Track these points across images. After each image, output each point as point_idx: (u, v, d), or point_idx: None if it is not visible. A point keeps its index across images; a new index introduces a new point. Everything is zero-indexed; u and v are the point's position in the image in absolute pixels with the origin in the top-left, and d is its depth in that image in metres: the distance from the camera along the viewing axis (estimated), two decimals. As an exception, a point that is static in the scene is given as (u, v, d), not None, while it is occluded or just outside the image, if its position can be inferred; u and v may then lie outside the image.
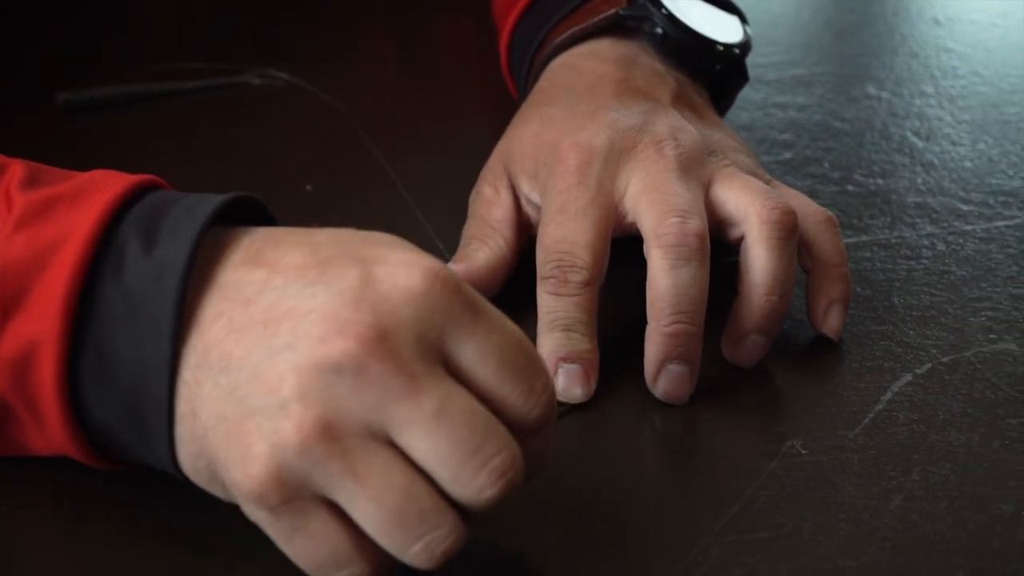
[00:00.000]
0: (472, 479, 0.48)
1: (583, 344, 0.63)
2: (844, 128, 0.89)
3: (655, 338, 0.62)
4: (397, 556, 0.49)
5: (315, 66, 0.94)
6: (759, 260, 0.64)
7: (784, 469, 0.59)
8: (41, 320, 0.50)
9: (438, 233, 0.74)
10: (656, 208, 0.63)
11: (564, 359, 0.62)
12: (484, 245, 0.69)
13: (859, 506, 0.57)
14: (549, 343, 0.63)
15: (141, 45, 0.98)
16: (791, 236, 0.64)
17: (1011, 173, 0.83)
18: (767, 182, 0.69)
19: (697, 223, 0.63)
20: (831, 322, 0.67)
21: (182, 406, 0.50)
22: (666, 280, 0.62)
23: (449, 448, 0.48)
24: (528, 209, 0.70)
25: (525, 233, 0.70)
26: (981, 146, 0.87)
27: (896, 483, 0.58)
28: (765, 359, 0.65)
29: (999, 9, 1.08)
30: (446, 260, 0.68)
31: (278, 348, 0.48)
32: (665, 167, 0.65)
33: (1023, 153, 0.86)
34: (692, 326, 0.62)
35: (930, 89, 0.95)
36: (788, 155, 0.85)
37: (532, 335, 0.63)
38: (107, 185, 0.53)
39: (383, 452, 0.48)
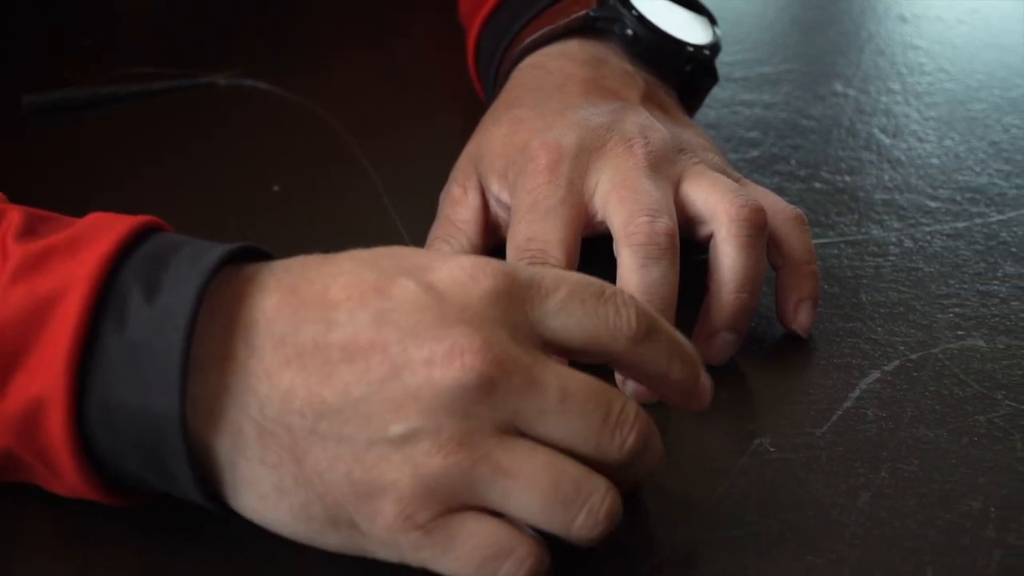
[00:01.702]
0: (611, 440, 0.50)
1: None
2: (811, 126, 0.89)
3: (625, 337, 0.62)
4: (564, 535, 0.50)
5: (284, 67, 0.94)
6: (728, 258, 0.64)
7: (753, 467, 0.59)
8: (45, 377, 0.49)
9: (410, 233, 0.74)
10: (625, 207, 0.63)
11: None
12: (447, 245, 0.69)
13: (828, 503, 0.57)
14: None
15: (107, 47, 0.97)
16: (760, 234, 0.65)
17: (978, 170, 0.84)
18: (736, 180, 0.69)
19: (666, 222, 0.63)
20: (801, 319, 0.67)
21: (272, 457, 0.49)
22: (636, 279, 0.62)
23: (584, 423, 0.50)
24: (497, 209, 0.70)
25: (492, 234, 0.70)
26: (948, 143, 0.87)
27: (864, 480, 0.58)
28: (735, 357, 0.66)
29: (965, 6, 1.08)
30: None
31: (378, 381, 0.48)
32: (635, 165, 0.65)
33: (990, 149, 0.86)
34: (661, 325, 0.62)
35: (897, 86, 0.95)
36: (755, 153, 0.85)
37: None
38: (105, 231, 0.51)
39: (520, 443, 0.49)
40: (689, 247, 0.65)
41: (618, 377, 0.62)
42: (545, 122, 0.68)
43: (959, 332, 0.68)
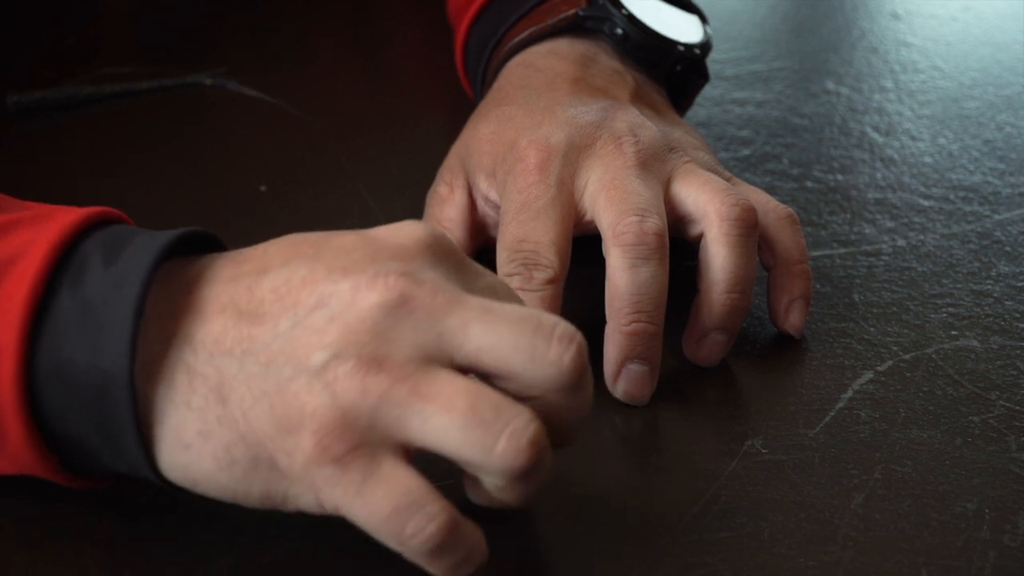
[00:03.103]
0: (546, 350, 0.49)
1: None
2: (803, 124, 0.89)
3: (615, 338, 0.62)
4: (485, 465, 0.48)
5: (270, 66, 0.94)
6: (719, 257, 0.64)
7: (745, 468, 0.58)
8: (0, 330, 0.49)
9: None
10: (614, 207, 0.63)
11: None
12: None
13: (820, 505, 0.56)
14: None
15: (92, 46, 0.97)
16: (751, 233, 0.64)
17: (971, 168, 0.83)
18: (727, 179, 0.69)
19: (656, 222, 0.62)
20: (793, 319, 0.67)
21: (198, 400, 0.49)
22: (625, 279, 0.61)
23: (512, 331, 0.49)
24: (485, 208, 0.69)
25: (480, 232, 0.70)
26: (941, 141, 0.86)
27: (858, 481, 0.58)
28: (726, 358, 0.65)
29: (959, 3, 1.08)
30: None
31: (305, 312, 0.49)
32: (624, 164, 0.65)
33: (984, 148, 0.86)
34: (652, 325, 0.61)
35: (890, 84, 0.95)
36: (747, 152, 0.84)
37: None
38: (70, 211, 0.52)
39: (443, 371, 0.48)
40: (681, 252, 0.65)
41: (608, 379, 0.62)
42: (534, 120, 0.68)
43: (953, 332, 0.68)
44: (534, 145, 0.66)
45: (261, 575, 0.52)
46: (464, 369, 0.49)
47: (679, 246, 0.65)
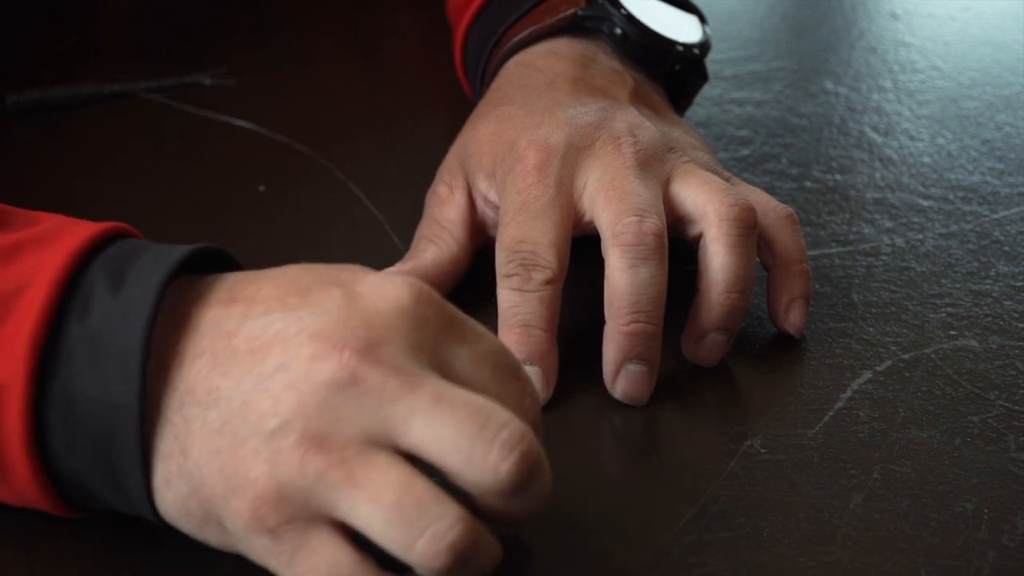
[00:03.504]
0: (485, 455, 0.47)
1: (543, 342, 0.62)
2: (802, 124, 0.89)
3: (614, 338, 0.62)
4: (405, 558, 0.47)
5: (269, 66, 0.94)
6: (718, 257, 0.63)
7: (744, 468, 0.58)
8: (7, 365, 0.49)
9: (397, 233, 0.74)
10: (613, 207, 0.63)
11: (524, 360, 0.62)
12: (433, 245, 0.68)
13: (819, 505, 0.56)
14: (510, 339, 0.62)
15: (91, 46, 0.97)
16: (750, 233, 0.64)
17: (970, 168, 0.83)
18: (726, 179, 0.69)
19: (655, 222, 0.62)
20: (793, 319, 0.67)
21: (165, 447, 0.49)
22: (624, 279, 0.61)
23: (454, 430, 0.47)
24: (484, 208, 0.69)
25: (480, 233, 0.70)
26: (940, 141, 0.86)
27: (857, 481, 0.58)
28: (725, 357, 0.65)
29: (958, 3, 1.08)
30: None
31: (268, 373, 0.48)
32: (623, 164, 0.65)
33: (982, 148, 0.86)
34: (651, 325, 0.61)
35: (888, 84, 0.95)
36: (746, 151, 0.84)
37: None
38: (74, 231, 0.52)
39: (382, 455, 0.47)
40: (680, 255, 0.65)
41: (607, 379, 0.62)
42: (533, 120, 0.68)
43: (951, 332, 0.68)
44: (533, 145, 0.66)
45: None
46: (411, 456, 0.48)
47: (679, 249, 0.65)
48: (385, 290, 0.50)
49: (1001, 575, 0.54)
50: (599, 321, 0.62)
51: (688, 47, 0.75)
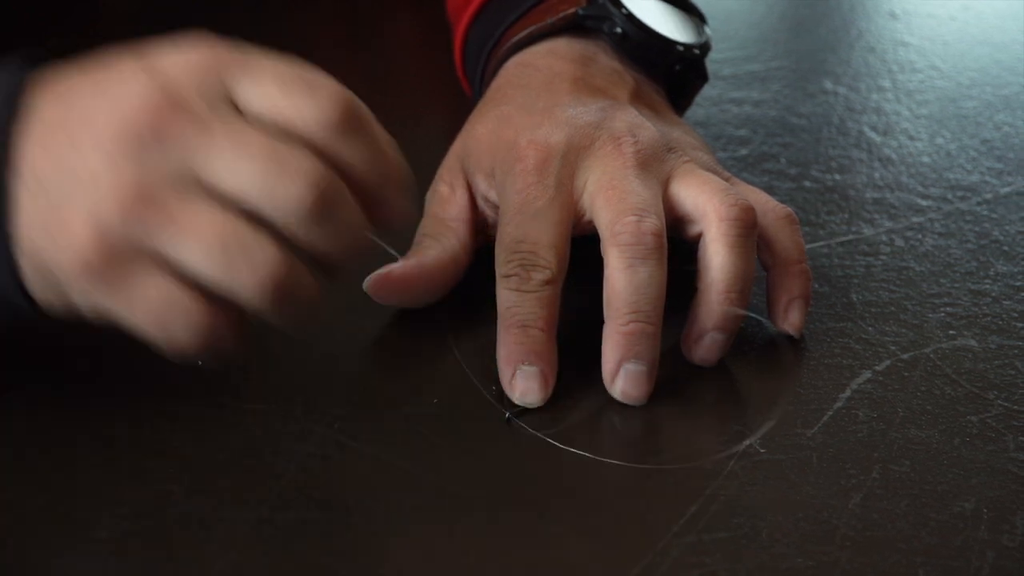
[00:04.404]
0: (286, 189, 0.51)
1: (542, 342, 0.62)
2: (801, 124, 0.89)
3: (612, 338, 0.62)
4: (232, 292, 0.51)
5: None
6: (718, 257, 0.63)
7: (742, 468, 0.59)
8: None
9: (396, 233, 0.73)
10: (613, 207, 0.63)
11: (522, 360, 0.62)
12: (436, 242, 0.68)
13: (818, 505, 0.56)
14: (509, 339, 0.62)
15: (89, 46, 0.97)
16: (750, 233, 0.64)
17: (969, 168, 0.83)
18: (726, 179, 0.69)
19: (654, 222, 0.62)
20: (792, 319, 0.67)
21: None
22: (623, 279, 0.61)
23: (253, 168, 0.51)
24: (484, 207, 0.69)
25: (481, 232, 0.70)
26: (939, 141, 0.87)
27: (856, 481, 0.58)
28: (724, 357, 0.65)
29: (957, 3, 1.08)
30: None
31: (78, 142, 0.51)
32: (623, 164, 0.65)
33: (981, 147, 0.86)
34: (650, 325, 0.61)
35: (887, 84, 0.95)
36: (744, 151, 0.84)
37: (490, 334, 0.63)
38: None
39: (199, 199, 0.51)
40: (680, 255, 0.65)
41: (606, 379, 0.62)
42: (533, 120, 0.68)
43: (951, 332, 0.68)
44: (533, 145, 0.66)
45: None
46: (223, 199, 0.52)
47: (679, 249, 0.65)
48: (175, 54, 0.54)
49: (1000, 575, 0.54)
50: (598, 321, 0.62)
51: (688, 47, 0.75)
